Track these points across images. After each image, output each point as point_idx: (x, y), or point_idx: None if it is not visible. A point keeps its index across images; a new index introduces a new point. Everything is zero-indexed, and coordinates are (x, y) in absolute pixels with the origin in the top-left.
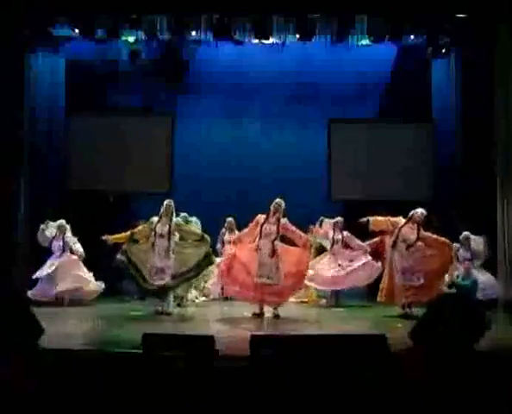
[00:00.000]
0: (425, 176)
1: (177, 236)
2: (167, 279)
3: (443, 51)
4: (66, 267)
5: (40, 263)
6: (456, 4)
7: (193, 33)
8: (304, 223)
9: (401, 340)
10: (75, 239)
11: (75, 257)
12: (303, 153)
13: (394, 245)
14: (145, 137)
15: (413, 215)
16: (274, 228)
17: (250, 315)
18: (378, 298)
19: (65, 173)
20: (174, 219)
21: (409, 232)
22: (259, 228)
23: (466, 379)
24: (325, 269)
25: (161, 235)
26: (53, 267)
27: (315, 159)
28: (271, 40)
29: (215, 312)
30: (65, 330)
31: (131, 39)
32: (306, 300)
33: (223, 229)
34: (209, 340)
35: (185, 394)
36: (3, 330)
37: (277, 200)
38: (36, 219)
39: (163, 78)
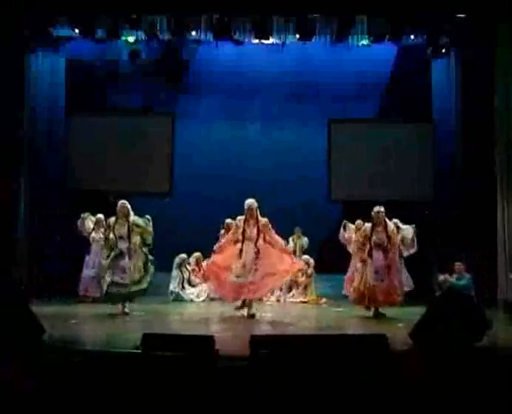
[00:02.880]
0: (425, 176)
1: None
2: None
3: (443, 51)
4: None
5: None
6: (456, 4)
7: (193, 33)
8: (304, 223)
9: (401, 340)
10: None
11: None
12: (303, 154)
13: None
14: (145, 137)
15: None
16: (254, 230)
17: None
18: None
19: (65, 173)
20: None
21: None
22: (240, 232)
23: (466, 379)
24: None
25: (121, 237)
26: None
27: (315, 159)
28: (271, 40)
29: (215, 312)
30: (65, 330)
31: (131, 39)
32: (306, 300)
33: (222, 231)
34: (209, 340)
35: (185, 394)
36: (3, 330)
37: (249, 202)
38: (36, 219)
39: (163, 78)
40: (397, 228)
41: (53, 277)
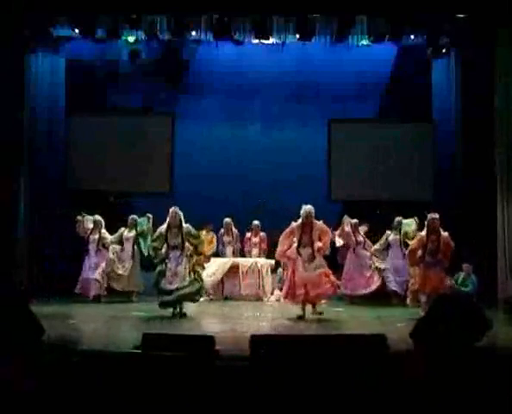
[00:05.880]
0: (425, 176)
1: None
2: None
3: (443, 51)
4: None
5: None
6: (456, 4)
7: (193, 33)
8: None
9: (401, 340)
10: (108, 235)
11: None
12: (303, 154)
13: None
14: (145, 137)
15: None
16: (307, 237)
17: (252, 315)
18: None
19: (65, 173)
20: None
21: None
22: (297, 238)
23: (467, 379)
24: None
25: (174, 247)
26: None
27: (315, 159)
28: (271, 40)
29: (215, 312)
30: (65, 330)
31: (131, 39)
32: None
33: (222, 230)
34: (209, 340)
35: (185, 394)
36: (3, 330)
37: (308, 208)
38: (36, 219)
39: (163, 78)
40: (400, 223)
41: (53, 277)
